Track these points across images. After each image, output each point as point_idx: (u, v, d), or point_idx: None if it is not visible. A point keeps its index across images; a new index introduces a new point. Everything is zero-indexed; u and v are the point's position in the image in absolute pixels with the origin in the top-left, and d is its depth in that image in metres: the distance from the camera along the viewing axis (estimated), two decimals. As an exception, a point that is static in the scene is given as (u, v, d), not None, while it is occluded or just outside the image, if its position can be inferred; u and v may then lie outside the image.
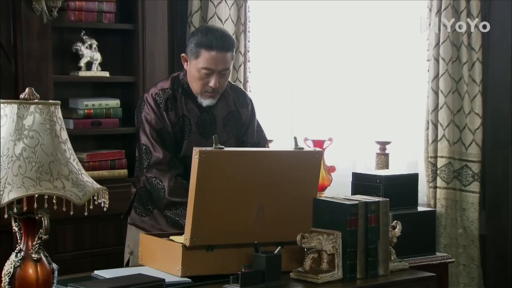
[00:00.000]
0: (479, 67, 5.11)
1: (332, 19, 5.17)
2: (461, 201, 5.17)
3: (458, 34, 5.08)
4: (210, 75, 3.42)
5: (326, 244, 3.00)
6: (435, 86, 5.06)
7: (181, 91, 3.50)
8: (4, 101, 2.38)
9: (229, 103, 3.61)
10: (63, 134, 2.40)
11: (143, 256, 3.16)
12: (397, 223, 3.22)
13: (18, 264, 2.41)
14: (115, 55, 4.72)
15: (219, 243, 2.99)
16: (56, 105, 2.40)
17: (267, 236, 3.04)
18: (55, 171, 2.33)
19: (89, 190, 2.37)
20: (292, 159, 3.14)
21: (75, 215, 4.31)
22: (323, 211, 3.08)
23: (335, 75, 5.21)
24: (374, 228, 3.08)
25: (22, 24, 4.24)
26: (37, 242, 2.40)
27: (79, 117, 4.48)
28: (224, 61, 3.42)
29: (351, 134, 5.17)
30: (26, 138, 2.33)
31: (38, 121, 2.35)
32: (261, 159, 3.08)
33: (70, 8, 4.45)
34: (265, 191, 3.06)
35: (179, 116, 3.47)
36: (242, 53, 4.84)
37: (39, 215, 2.38)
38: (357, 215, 3.02)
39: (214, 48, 3.38)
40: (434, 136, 5.08)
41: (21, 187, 2.28)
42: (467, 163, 5.14)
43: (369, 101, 5.23)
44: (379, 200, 3.11)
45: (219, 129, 3.54)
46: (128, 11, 4.66)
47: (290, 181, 3.11)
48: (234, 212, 3.01)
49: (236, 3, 4.81)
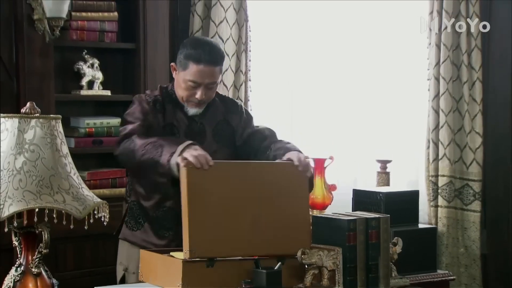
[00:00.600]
0: (479, 86, 5.13)
1: (333, 38, 5.19)
2: (462, 220, 5.16)
3: (458, 53, 5.10)
4: (196, 88, 3.43)
5: (326, 260, 3.00)
6: (435, 105, 5.07)
7: (169, 101, 3.51)
8: (5, 115, 2.40)
9: (218, 113, 3.60)
10: (63, 148, 2.41)
11: (143, 272, 3.16)
12: (398, 239, 3.21)
13: (18, 278, 2.42)
14: (116, 74, 4.74)
15: (218, 255, 2.99)
16: (57, 119, 2.41)
17: (263, 247, 3.04)
18: (55, 185, 2.34)
19: (90, 204, 2.38)
20: (280, 170, 3.15)
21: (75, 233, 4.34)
22: (322, 228, 3.07)
23: (336, 93, 5.22)
24: (375, 244, 3.07)
25: (24, 43, 4.27)
26: (37, 256, 2.41)
27: (80, 135, 4.50)
28: (211, 75, 3.42)
29: (352, 152, 5.17)
30: (26, 152, 2.34)
31: (39, 135, 2.36)
32: (248, 171, 3.09)
33: (72, 27, 4.49)
34: (257, 202, 3.08)
35: (167, 122, 3.47)
36: (243, 72, 4.86)
37: (39, 229, 2.38)
38: (355, 231, 3.02)
39: (202, 62, 3.38)
40: (435, 155, 5.08)
41: (21, 200, 2.29)
42: (468, 182, 5.14)
43: (370, 119, 5.24)
44: (380, 216, 3.10)
45: (208, 139, 3.53)
46: (129, 30, 4.69)
47: (280, 193, 3.14)
48: (228, 223, 3.02)
49: (237, 22, 4.84)
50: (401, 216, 4.15)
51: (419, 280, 4.05)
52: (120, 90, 4.71)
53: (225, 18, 4.80)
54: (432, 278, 4.19)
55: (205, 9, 4.79)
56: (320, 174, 4.67)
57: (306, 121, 5.17)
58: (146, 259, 3.17)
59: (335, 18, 5.18)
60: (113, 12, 4.60)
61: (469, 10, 5.10)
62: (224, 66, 4.78)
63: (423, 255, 4.23)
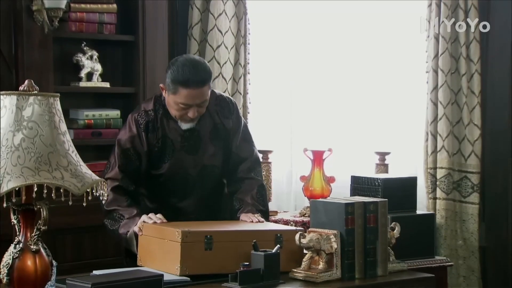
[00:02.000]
0: (477, 79, 5.15)
1: (331, 30, 5.21)
2: (461, 212, 5.17)
3: (457, 45, 5.12)
4: (188, 108, 3.43)
5: (324, 244, 3.01)
6: (434, 98, 5.09)
7: (162, 112, 3.53)
8: (3, 92, 2.40)
9: (213, 117, 3.60)
10: (62, 126, 2.42)
11: (141, 257, 3.17)
12: (396, 224, 3.23)
13: (16, 255, 2.42)
14: (115, 66, 4.74)
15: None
16: (55, 97, 2.43)
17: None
18: (54, 161, 2.35)
19: (88, 181, 2.38)
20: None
21: (74, 225, 4.38)
22: (320, 212, 3.09)
23: (335, 86, 5.23)
24: (373, 228, 3.09)
25: (23, 34, 4.26)
26: (36, 233, 2.41)
27: (79, 127, 4.50)
28: (201, 95, 3.42)
29: (351, 144, 5.18)
30: (25, 129, 2.35)
31: (37, 112, 2.37)
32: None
33: (71, 19, 4.49)
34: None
35: (158, 137, 3.51)
36: (242, 65, 4.87)
37: (38, 206, 2.39)
38: (353, 214, 3.03)
39: (191, 85, 3.37)
40: (433, 147, 5.09)
41: (20, 177, 2.29)
42: (466, 174, 5.16)
43: (369, 112, 5.25)
44: (378, 201, 3.12)
45: (205, 143, 3.56)
46: (129, 22, 4.69)
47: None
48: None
49: (236, 15, 4.85)
50: (399, 202, 4.15)
51: (417, 266, 4.05)
52: (119, 82, 4.71)
53: (224, 11, 4.82)
54: (430, 264, 4.19)
55: (204, 2, 4.80)
56: (319, 166, 4.70)
57: (304, 114, 5.19)
58: (144, 243, 3.17)
59: (334, 11, 5.19)
60: (112, 4, 4.60)
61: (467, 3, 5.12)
62: (223, 59, 4.82)
63: (421, 241, 4.23)
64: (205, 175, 3.58)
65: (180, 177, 3.54)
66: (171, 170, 3.52)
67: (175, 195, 3.57)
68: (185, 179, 3.54)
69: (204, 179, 3.58)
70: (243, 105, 4.86)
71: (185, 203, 3.58)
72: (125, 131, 3.54)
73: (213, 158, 3.59)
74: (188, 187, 3.56)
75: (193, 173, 3.55)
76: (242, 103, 4.86)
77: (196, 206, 3.59)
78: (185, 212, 3.55)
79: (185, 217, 3.48)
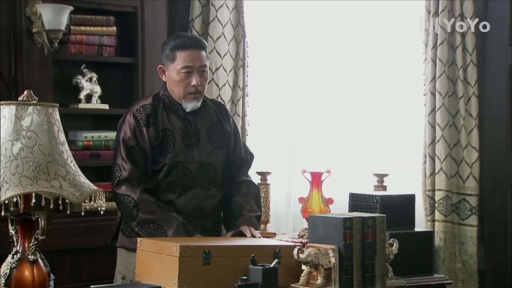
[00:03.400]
0: (475, 101, 5.16)
1: (330, 53, 5.23)
2: (460, 235, 5.16)
3: (454, 68, 5.14)
4: (190, 74, 3.51)
5: (323, 259, 3.00)
6: (432, 120, 5.10)
7: (162, 106, 3.58)
8: (3, 102, 2.42)
9: (211, 115, 3.68)
10: (60, 136, 2.44)
11: (139, 272, 3.16)
12: (394, 240, 3.22)
13: (14, 265, 2.42)
14: (115, 88, 4.78)
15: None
16: (54, 107, 2.44)
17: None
18: (52, 171, 2.36)
19: (86, 190, 2.39)
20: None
21: (72, 246, 4.37)
22: (318, 227, 3.08)
23: (333, 107, 5.25)
24: (371, 244, 3.08)
25: (23, 56, 4.31)
26: (34, 243, 2.41)
27: (78, 148, 4.51)
28: (200, 57, 3.53)
29: (349, 166, 5.18)
30: (24, 138, 2.36)
31: (36, 122, 2.38)
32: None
33: (71, 41, 4.53)
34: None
35: (159, 131, 3.53)
36: (240, 87, 4.90)
37: (36, 216, 2.39)
38: (352, 229, 3.03)
39: (188, 47, 3.50)
40: (431, 169, 5.10)
41: (18, 185, 2.30)
42: (465, 197, 5.15)
43: (367, 134, 5.26)
44: (376, 216, 3.12)
45: (203, 140, 3.61)
46: (128, 45, 4.74)
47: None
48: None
49: (235, 38, 4.89)
50: (397, 219, 4.15)
51: (415, 283, 4.04)
52: (118, 104, 4.74)
53: (222, 34, 4.86)
54: (428, 281, 4.18)
55: (203, 25, 4.84)
56: (317, 188, 4.71)
57: (303, 135, 5.20)
58: (142, 259, 3.17)
59: (332, 34, 5.22)
60: (112, 27, 4.65)
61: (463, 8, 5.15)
62: (222, 81, 4.85)
63: (419, 259, 4.22)
64: (203, 171, 3.60)
65: (179, 171, 3.55)
66: (171, 163, 3.53)
67: (173, 189, 3.55)
68: (183, 173, 3.55)
69: (202, 176, 3.60)
70: (241, 127, 4.87)
71: (183, 200, 3.56)
72: (126, 129, 3.54)
73: (210, 156, 3.62)
74: (186, 181, 3.57)
75: (192, 168, 3.57)
76: (241, 125, 4.88)
77: (193, 205, 3.58)
78: (179, 210, 3.54)
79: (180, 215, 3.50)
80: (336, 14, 5.23)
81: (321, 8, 5.19)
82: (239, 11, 4.90)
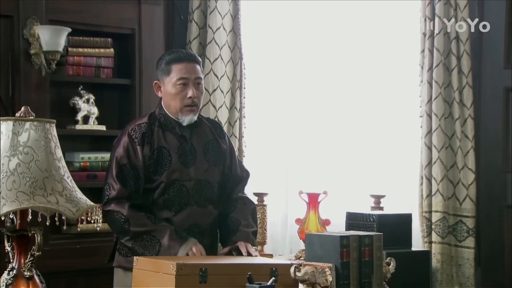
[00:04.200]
0: (471, 123, 5.19)
1: (327, 75, 5.26)
2: (457, 257, 5.15)
3: (450, 90, 5.17)
4: (186, 86, 3.55)
5: (319, 277, 2.99)
6: (428, 142, 5.12)
7: (158, 125, 3.60)
8: (0, 118, 2.42)
9: (207, 132, 3.70)
10: (57, 151, 2.44)
11: (136, 291, 3.15)
12: (391, 259, 3.21)
13: (10, 281, 2.41)
14: (112, 109, 4.78)
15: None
16: (51, 123, 2.45)
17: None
18: (49, 186, 2.36)
19: (83, 206, 2.39)
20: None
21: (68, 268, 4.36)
22: (315, 245, 3.08)
23: (331, 129, 5.27)
24: (368, 262, 3.07)
25: (21, 77, 4.31)
26: (30, 259, 2.40)
27: (74, 169, 4.50)
28: (195, 70, 3.57)
29: (346, 187, 5.19)
30: (21, 154, 2.36)
31: (33, 138, 2.39)
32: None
33: (69, 62, 4.54)
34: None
35: (154, 149, 3.54)
36: (237, 108, 4.91)
37: (32, 232, 2.39)
38: (348, 247, 3.02)
39: (183, 59, 3.57)
40: (428, 190, 5.11)
41: (15, 201, 2.30)
42: (461, 218, 5.16)
43: (364, 155, 5.28)
44: (373, 234, 3.11)
45: (199, 158, 3.62)
46: (125, 66, 4.75)
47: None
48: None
49: (232, 60, 4.91)
50: (394, 238, 4.15)
51: (413, 303, 4.05)
52: (115, 125, 4.74)
53: (220, 55, 4.88)
54: (426, 302, 4.18)
55: (200, 47, 4.86)
56: (314, 209, 4.70)
57: (300, 157, 5.20)
58: (139, 277, 3.15)
59: (329, 57, 5.26)
60: (110, 48, 4.66)
61: (460, 49, 5.19)
62: (219, 103, 4.86)
63: (416, 278, 4.22)
64: (200, 189, 3.60)
65: (176, 188, 3.55)
66: (167, 180, 3.53)
67: (169, 207, 3.55)
68: (180, 191, 3.55)
69: (199, 193, 3.60)
70: (238, 149, 4.88)
71: (180, 217, 3.56)
72: (119, 148, 3.56)
73: (206, 174, 3.62)
74: (183, 198, 3.56)
75: (189, 186, 3.57)
76: (238, 146, 4.88)
77: (190, 223, 3.57)
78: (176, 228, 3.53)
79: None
80: (333, 37, 5.27)
81: (318, 32, 5.23)
82: (236, 33, 4.92)
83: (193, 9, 4.88)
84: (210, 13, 4.86)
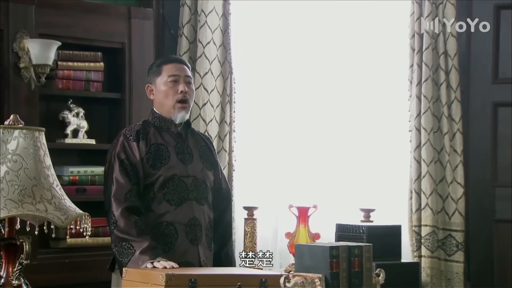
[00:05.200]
0: (459, 138, 5.20)
1: (316, 89, 5.28)
2: (446, 271, 5.15)
3: (439, 105, 5.19)
4: (177, 83, 3.66)
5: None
6: (417, 156, 5.13)
7: (153, 127, 3.69)
8: (-11, 126, 2.42)
9: (199, 140, 3.81)
10: (46, 160, 2.44)
11: (125, 303, 3.14)
12: (381, 270, 3.21)
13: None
14: (102, 123, 4.79)
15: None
16: (40, 131, 2.45)
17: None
18: (38, 194, 2.36)
19: (72, 214, 2.39)
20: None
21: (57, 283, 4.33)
22: (305, 256, 3.08)
23: (320, 143, 5.27)
24: (358, 273, 3.07)
25: (10, 90, 4.31)
26: (18, 268, 2.39)
27: (64, 183, 4.46)
28: (185, 69, 3.73)
29: (336, 201, 5.19)
30: (9, 162, 2.36)
31: (22, 146, 2.39)
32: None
33: (58, 76, 4.54)
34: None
35: (150, 144, 3.61)
36: (227, 123, 4.92)
37: (21, 240, 2.38)
38: (338, 258, 3.02)
39: (173, 61, 3.77)
40: (417, 205, 5.11)
41: (3, 208, 2.30)
42: (451, 233, 5.15)
43: (354, 169, 5.28)
44: (362, 245, 3.12)
45: (196, 158, 3.72)
46: (115, 80, 4.76)
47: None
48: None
49: (222, 74, 4.93)
50: (384, 250, 4.15)
51: (403, 315, 4.04)
52: (105, 139, 4.73)
53: (210, 70, 4.90)
54: (416, 314, 4.18)
55: (190, 61, 4.87)
56: (304, 223, 4.69)
57: (290, 171, 5.21)
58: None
59: (318, 70, 5.27)
60: (99, 62, 4.66)
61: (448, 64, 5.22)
62: (209, 117, 4.87)
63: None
64: (198, 186, 3.67)
65: (175, 183, 3.61)
66: (166, 175, 3.59)
67: (170, 200, 3.59)
68: (179, 186, 3.61)
69: (197, 190, 3.66)
70: (228, 163, 4.89)
71: (180, 211, 3.59)
72: (117, 147, 3.60)
73: (202, 174, 3.71)
74: (182, 192, 3.62)
75: (187, 182, 3.64)
76: (228, 160, 4.89)
77: (190, 217, 3.61)
78: (177, 222, 3.57)
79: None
80: (322, 54, 5.28)
81: (308, 50, 5.25)
82: (226, 47, 4.94)
83: (183, 23, 4.90)
84: (200, 28, 4.88)
